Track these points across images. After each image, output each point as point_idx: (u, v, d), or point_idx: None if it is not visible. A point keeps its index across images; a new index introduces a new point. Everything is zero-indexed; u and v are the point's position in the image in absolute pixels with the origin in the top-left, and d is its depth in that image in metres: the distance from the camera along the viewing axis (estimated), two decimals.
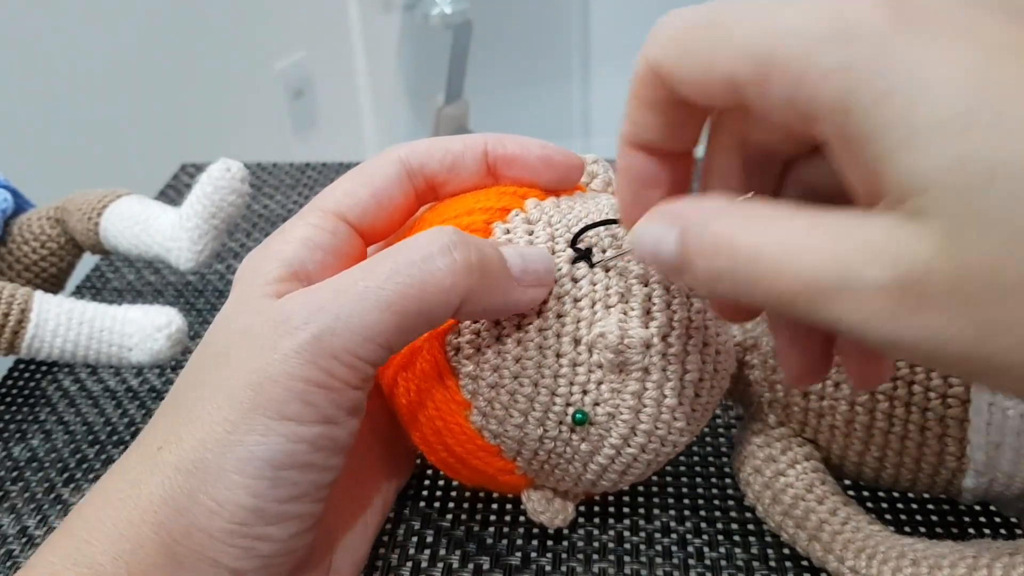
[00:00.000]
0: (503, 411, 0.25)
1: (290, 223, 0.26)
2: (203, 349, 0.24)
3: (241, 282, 0.25)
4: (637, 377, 0.25)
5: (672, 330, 0.26)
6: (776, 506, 0.28)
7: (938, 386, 0.27)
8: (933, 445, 0.27)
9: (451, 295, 0.23)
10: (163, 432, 0.23)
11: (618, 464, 0.26)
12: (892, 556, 0.25)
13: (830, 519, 0.27)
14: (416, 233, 0.27)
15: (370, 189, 0.27)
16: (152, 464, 0.23)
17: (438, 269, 0.22)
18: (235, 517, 0.22)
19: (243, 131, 1.21)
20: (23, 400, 0.40)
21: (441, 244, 0.23)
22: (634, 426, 0.26)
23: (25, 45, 0.86)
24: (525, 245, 0.25)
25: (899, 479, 0.29)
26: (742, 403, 0.32)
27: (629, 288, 0.26)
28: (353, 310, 0.22)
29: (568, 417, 0.25)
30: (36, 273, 0.40)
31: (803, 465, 0.28)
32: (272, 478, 0.22)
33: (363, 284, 0.22)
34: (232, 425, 0.22)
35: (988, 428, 0.27)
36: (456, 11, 1.42)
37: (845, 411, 0.28)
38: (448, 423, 0.26)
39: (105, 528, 0.22)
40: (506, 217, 0.26)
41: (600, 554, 0.30)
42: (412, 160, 0.27)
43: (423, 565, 0.30)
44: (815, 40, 0.16)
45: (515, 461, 0.27)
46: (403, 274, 0.22)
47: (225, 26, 1.14)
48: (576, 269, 0.26)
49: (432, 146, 0.27)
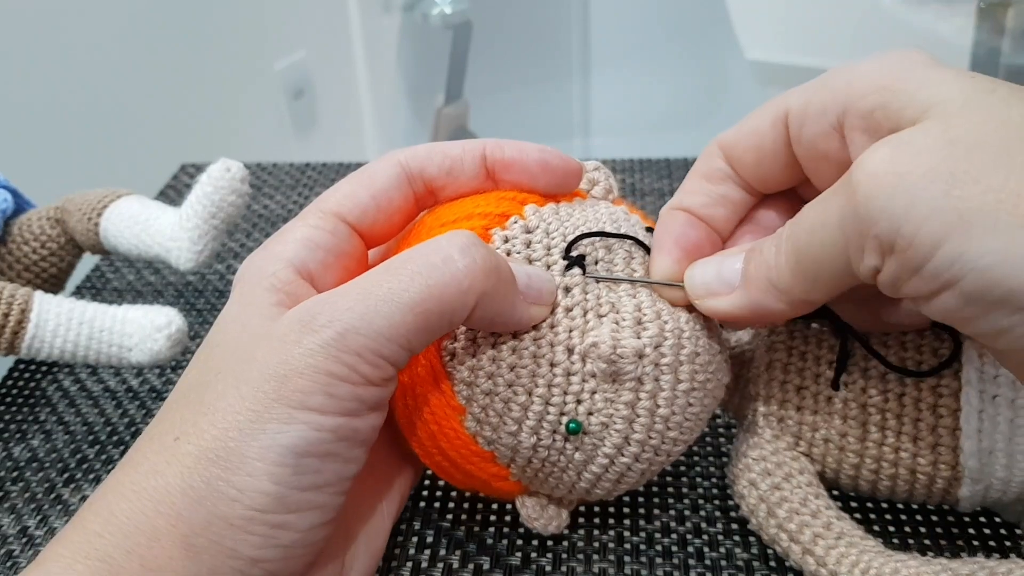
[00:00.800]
0: (497, 418, 0.25)
1: (290, 224, 0.27)
2: (211, 350, 0.24)
3: (244, 283, 0.25)
4: (630, 387, 0.25)
5: (664, 340, 0.26)
6: (771, 519, 0.28)
7: (928, 397, 0.27)
8: (927, 455, 0.27)
9: (469, 295, 0.23)
10: (179, 424, 0.23)
11: (611, 473, 0.26)
12: (886, 572, 0.25)
13: (824, 533, 0.27)
14: (416, 236, 0.27)
15: (370, 191, 0.27)
16: (169, 455, 0.22)
17: (458, 270, 0.23)
18: (256, 503, 0.22)
19: (243, 131, 1.21)
20: (23, 400, 0.40)
21: (460, 245, 0.23)
22: (627, 436, 0.26)
23: (25, 45, 0.86)
24: (528, 266, 0.26)
25: (895, 491, 0.29)
26: (736, 416, 0.32)
27: (619, 298, 0.26)
28: (378, 311, 0.22)
29: (562, 427, 0.25)
30: (36, 273, 0.40)
31: (798, 479, 0.28)
32: (294, 465, 0.22)
33: (387, 286, 0.23)
34: (255, 414, 0.22)
35: (980, 435, 0.27)
36: (456, 11, 1.42)
37: (838, 424, 0.28)
38: (443, 427, 0.26)
39: (119, 521, 0.22)
40: (505, 224, 0.27)
41: (600, 554, 0.30)
42: (412, 164, 0.27)
43: (423, 565, 0.30)
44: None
45: (509, 468, 0.27)
46: (425, 275, 0.23)
47: (225, 26, 1.14)
48: (569, 278, 0.26)
49: (431, 150, 0.28)
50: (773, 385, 0.30)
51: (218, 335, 0.25)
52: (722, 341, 0.28)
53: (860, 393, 0.28)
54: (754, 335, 0.31)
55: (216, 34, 1.13)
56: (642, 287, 0.26)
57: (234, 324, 0.24)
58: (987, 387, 0.27)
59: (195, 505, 0.22)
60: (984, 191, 0.19)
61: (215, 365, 0.24)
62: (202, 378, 0.24)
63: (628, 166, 0.55)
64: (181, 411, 0.23)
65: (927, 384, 0.27)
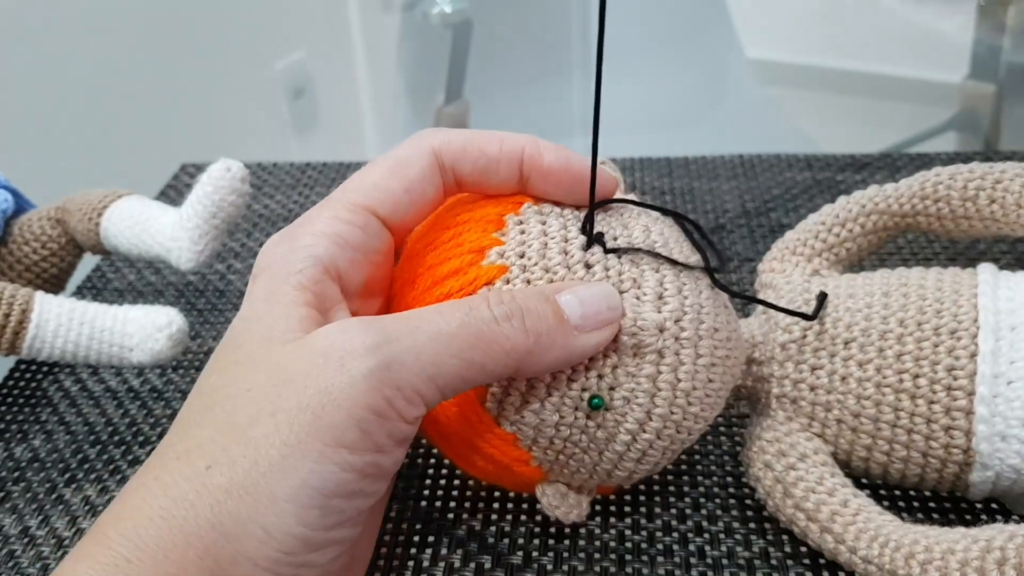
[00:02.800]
0: (519, 397, 0.26)
1: (317, 213, 0.26)
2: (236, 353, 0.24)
3: (270, 276, 0.25)
4: (651, 360, 0.25)
5: (685, 314, 0.26)
6: (787, 500, 0.28)
7: (943, 378, 0.27)
8: (940, 437, 0.27)
9: (510, 359, 0.23)
10: (208, 446, 0.22)
11: (633, 451, 0.26)
12: (905, 543, 0.25)
13: (841, 510, 0.27)
14: (426, 236, 0.27)
15: (404, 183, 0.26)
16: (200, 485, 0.22)
17: (502, 333, 0.23)
18: (284, 546, 0.22)
19: (243, 131, 1.21)
20: (24, 400, 0.40)
21: (502, 311, 0.23)
22: (649, 410, 0.26)
23: (25, 45, 0.86)
24: (586, 284, 0.25)
25: (906, 474, 0.29)
26: (749, 399, 0.32)
27: (642, 273, 0.26)
28: (425, 348, 0.22)
29: (584, 402, 0.25)
30: (37, 274, 0.40)
31: (813, 459, 0.29)
32: (322, 507, 0.22)
33: (436, 326, 0.23)
34: (288, 449, 0.22)
35: (994, 419, 0.27)
36: (456, 11, 1.42)
37: (852, 404, 0.29)
38: (464, 411, 0.26)
39: (150, 549, 0.21)
40: (519, 210, 0.27)
41: (601, 552, 0.30)
42: (445, 155, 0.26)
43: (424, 564, 0.30)
44: None
45: (531, 451, 0.27)
46: (473, 327, 0.23)
47: (225, 26, 1.14)
48: (590, 255, 0.26)
49: (468, 145, 0.26)
50: (787, 366, 0.30)
51: (243, 335, 0.24)
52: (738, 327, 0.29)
53: (875, 373, 0.28)
54: (764, 322, 0.31)
55: (216, 34, 1.13)
56: (664, 260, 0.26)
57: (260, 325, 0.24)
58: (1002, 371, 0.27)
59: (224, 542, 0.21)
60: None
61: (245, 378, 0.23)
62: (230, 391, 0.23)
63: (628, 164, 0.55)
64: (210, 430, 0.23)
65: (943, 365, 0.27)
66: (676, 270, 0.26)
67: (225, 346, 0.24)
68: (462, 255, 0.26)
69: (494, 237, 0.26)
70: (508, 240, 0.26)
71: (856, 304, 0.30)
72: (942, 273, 0.30)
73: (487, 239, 0.26)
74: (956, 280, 0.30)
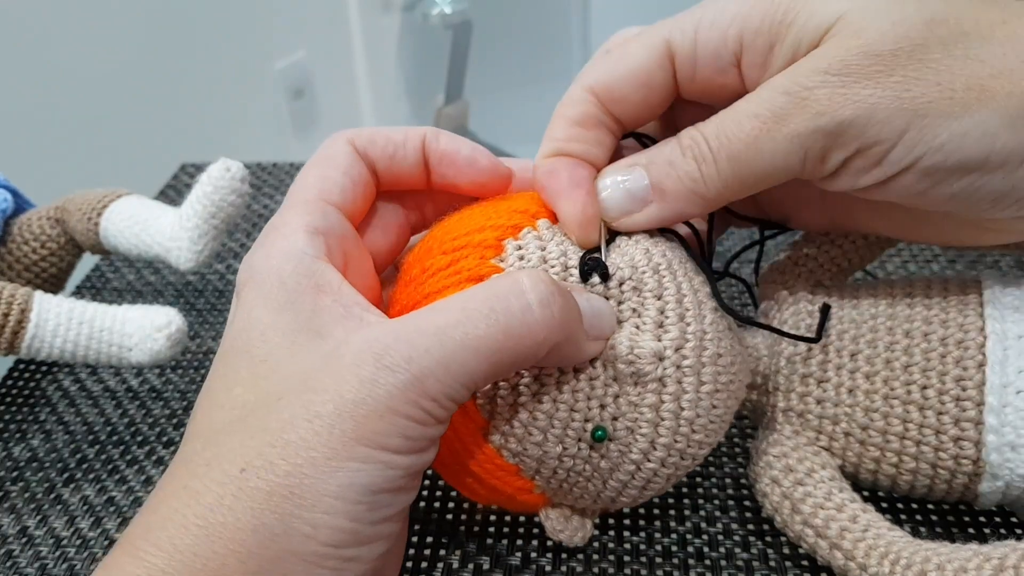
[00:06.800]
0: (522, 429, 0.25)
1: (280, 219, 0.26)
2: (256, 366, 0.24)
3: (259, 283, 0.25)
4: (653, 389, 0.25)
5: (686, 342, 0.25)
6: (796, 516, 0.28)
7: (952, 389, 0.27)
8: (949, 448, 0.27)
9: (541, 348, 0.23)
10: (241, 452, 0.22)
11: (638, 480, 0.26)
12: (916, 561, 0.25)
13: (851, 526, 0.27)
14: (427, 252, 0.27)
15: (339, 169, 0.27)
16: (236, 488, 0.22)
17: (535, 322, 0.23)
18: (331, 539, 0.22)
19: (243, 131, 1.21)
20: (23, 400, 0.40)
21: (540, 295, 0.23)
22: (653, 440, 0.25)
23: (25, 45, 0.86)
24: (592, 296, 0.25)
25: (915, 485, 0.29)
26: (755, 414, 0.32)
27: (643, 302, 0.26)
28: (455, 357, 0.22)
29: (587, 433, 0.25)
30: (36, 273, 0.40)
31: (820, 474, 0.28)
32: (371, 502, 0.22)
33: (463, 330, 0.23)
34: (332, 451, 0.22)
35: (1003, 429, 0.27)
36: (456, 11, 1.42)
37: (860, 417, 0.28)
38: (466, 443, 0.26)
39: (185, 558, 0.21)
40: (518, 235, 0.26)
41: (600, 554, 0.30)
42: (358, 142, 0.28)
43: (423, 565, 0.30)
44: None
45: (534, 480, 0.27)
46: (502, 324, 0.23)
47: (225, 26, 1.14)
48: (590, 286, 0.26)
49: (375, 133, 0.28)
50: (794, 379, 0.30)
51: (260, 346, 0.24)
52: (742, 341, 0.28)
53: (883, 385, 0.28)
54: (770, 345, 0.31)
55: (216, 34, 1.13)
56: (668, 288, 0.26)
57: (274, 333, 0.24)
58: (1011, 380, 0.27)
59: (267, 542, 0.21)
60: (925, 90, 0.24)
61: (273, 389, 0.23)
62: (260, 401, 0.23)
63: None
64: (241, 437, 0.22)
65: (951, 376, 0.27)
66: (678, 296, 0.26)
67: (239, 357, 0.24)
68: (460, 283, 0.26)
69: (492, 264, 0.26)
70: (507, 267, 0.26)
71: (861, 316, 0.30)
72: (947, 282, 0.30)
73: (486, 267, 0.26)
74: (961, 289, 0.29)
